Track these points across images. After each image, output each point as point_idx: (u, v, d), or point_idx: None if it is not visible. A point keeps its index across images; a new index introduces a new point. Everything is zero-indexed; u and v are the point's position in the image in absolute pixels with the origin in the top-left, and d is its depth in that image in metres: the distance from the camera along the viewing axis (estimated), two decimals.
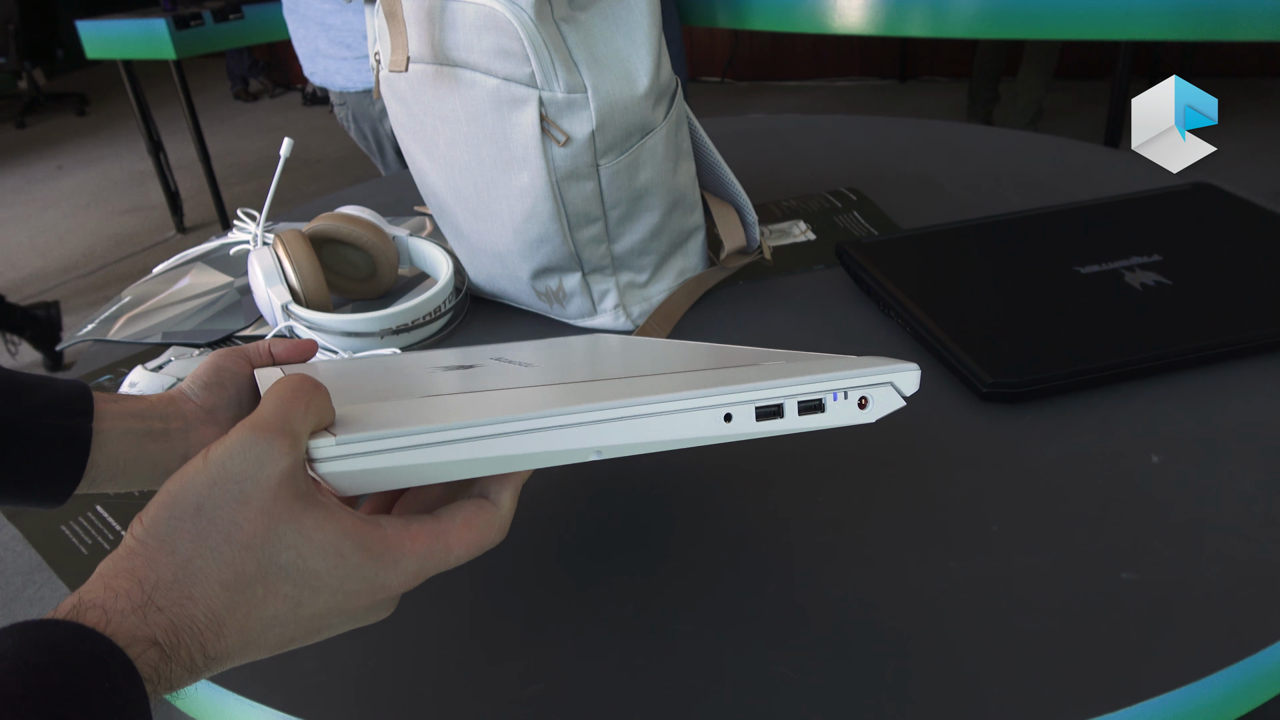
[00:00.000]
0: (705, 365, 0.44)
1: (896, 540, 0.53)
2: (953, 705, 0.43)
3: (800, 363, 0.41)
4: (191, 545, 0.28)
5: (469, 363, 0.52)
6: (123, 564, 0.28)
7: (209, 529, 0.28)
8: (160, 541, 0.28)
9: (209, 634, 0.28)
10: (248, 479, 0.29)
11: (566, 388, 0.39)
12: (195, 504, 0.28)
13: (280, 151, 0.82)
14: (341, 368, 0.54)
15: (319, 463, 0.31)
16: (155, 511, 0.28)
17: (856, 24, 2.19)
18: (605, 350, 0.56)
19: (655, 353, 0.52)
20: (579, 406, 0.34)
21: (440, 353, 0.60)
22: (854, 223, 0.94)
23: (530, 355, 0.55)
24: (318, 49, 1.44)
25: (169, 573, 0.27)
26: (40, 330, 2.46)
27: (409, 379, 0.48)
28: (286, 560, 0.29)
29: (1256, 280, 0.71)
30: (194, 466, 0.29)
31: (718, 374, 0.39)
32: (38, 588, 1.74)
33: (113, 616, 0.27)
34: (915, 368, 0.40)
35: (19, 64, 4.58)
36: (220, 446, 0.29)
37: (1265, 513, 0.52)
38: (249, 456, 0.29)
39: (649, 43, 0.69)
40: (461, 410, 0.35)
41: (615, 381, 0.39)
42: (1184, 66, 3.71)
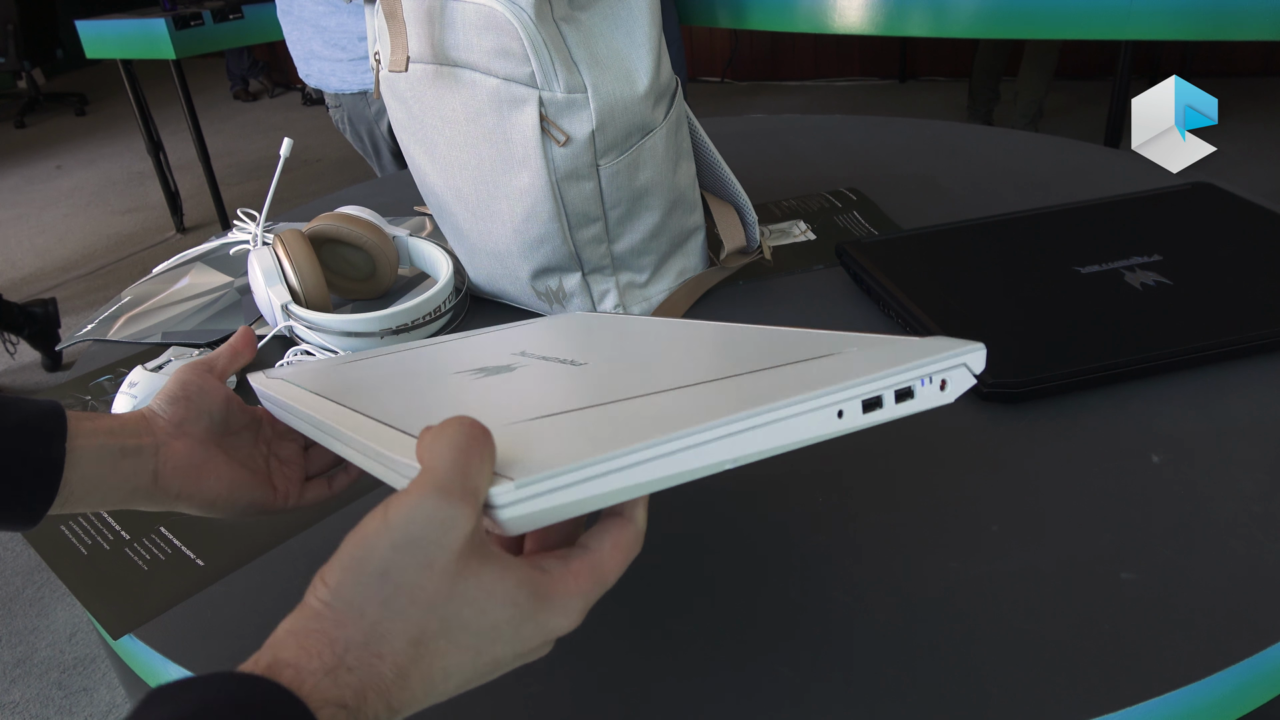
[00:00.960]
0: (746, 351, 0.44)
1: (897, 540, 0.53)
2: (952, 705, 0.43)
3: (877, 349, 0.40)
4: (379, 609, 0.28)
5: (498, 363, 0.49)
6: (311, 624, 0.29)
7: (395, 593, 0.29)
8: (347, 605, 0.28)
9: (394, 688, 0.29)
10: (431, 543, 0.29)
11: (698, 395, 0.37)
12: (381, 569, 0.29)
13: (280, 151, 0.82)
14: (361, 372, 0.53)
15: (498, 509, 0.30)
16: (340, 575, 0.29)
17: (856, 24, 2.19)
18: (640, 337, 0.52)
19: (691, 339, 0.49)
20: (732, 417, 0.33)
21: (445, 346, 0.58)
22: (854, 223, 0.94)
23: (559, 346, 0.52)
24: (312, 51, 1.43)
25: (359, 635, 0.28)
26: (39, 328, 2.46)
27: (467, 391, 0.44)
28: (468, 616, 0.30)
29: (1256, 280, 0.71)
30: (373, 528, 0.29)
31: (818, 369, 0.38)
32: (37, 588, 1.74)
33: (306, 677, 0.28)
34: (982, 347, 0.39)
35: (18, 64, 4.58)
36: (401, 508, 0.29)
37: (1265, 513, 0.52)
38: (433, 522, 0.29)
39: (649, 43, 0.69)
40: (624, 432, 0.33)
41: (738, 385, 0.38)
42: (1184, 66, 3.71)
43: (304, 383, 0.50)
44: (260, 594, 0.55)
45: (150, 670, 0.54)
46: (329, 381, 0.50)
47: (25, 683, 1.53)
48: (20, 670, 1.55)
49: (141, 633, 0.53)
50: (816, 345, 0.43)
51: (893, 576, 0.50)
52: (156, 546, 0.59)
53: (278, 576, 0.56)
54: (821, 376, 0.36)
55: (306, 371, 0.55)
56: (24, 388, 2.44)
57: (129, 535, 0.60)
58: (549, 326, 0.62)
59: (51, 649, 1.59)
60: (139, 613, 0.54)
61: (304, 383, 0.50)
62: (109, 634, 0.54)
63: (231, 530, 0.60)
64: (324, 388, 0.49)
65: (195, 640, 0.52)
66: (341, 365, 0.56)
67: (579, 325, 0.60)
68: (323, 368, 0.56)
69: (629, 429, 0.33)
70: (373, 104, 1.44)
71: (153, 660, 0.52)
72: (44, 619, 1.66)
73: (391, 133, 1.46)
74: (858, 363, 0.38)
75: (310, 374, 0.53)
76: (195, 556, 0.58)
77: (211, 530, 0.60)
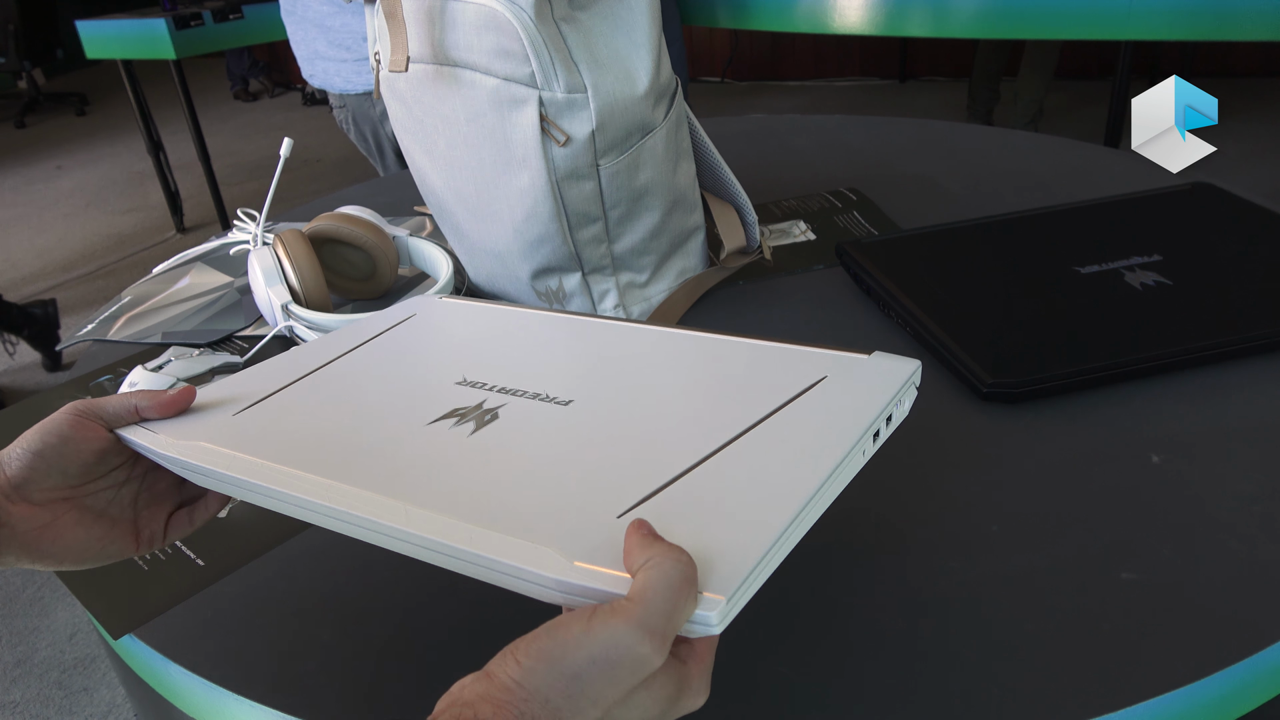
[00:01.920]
0: (701, 369, 0.47)
1: (896, 540, 0.53)
2: (952, 705, 0.43)
3: (856, 378, 0.45)
4: (563, 701, 0.32)
5: (466, 403, 0.47)
6: (502, 695, 0.32)
7: (580, 694, 0.32)
8: (536, 690, 0.32)
9: None
10: (625, 671, 0.32)
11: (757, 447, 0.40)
12: (573, 672, 0.32)
13: (280, 151, 0.82)
14: (287, 422, 0.48)
15: (714, 627, 0.32)
16: (534, 663, 0.32)
17: (856, 24, 2.19)
18: (636, 367, 0.52)
19: (664, 355, 0.50)
20: (827, 470, 0.38)
21: (341, 374, 0.53)
22: (854, 223, 0.94)
23: (495, 368, 0.50)
24: (317, 51, 1.43)
25: (543, 714, 0.32)
26: (38, 329, 2.46)
27: (487, 456, 0.42)
28: (634, 716, 0.34)
29: (1256, 280, 0.71)
30: (575, 632, 0.32)
31: (832, 410, 0.43)
32: (37, 588, 1.74)
33: None
34: (916, 363, 0.45)
35: (19, 64, 4.58)
36: (607, 630, 0.32)
37: (1265, 513, 0.52)
38: (633, 657, 0.32)
39: (649, 43, 0.69)
40: (765, 502, 0.36)
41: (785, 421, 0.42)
42: (1184, 66, 3.71)
43: (225, 442, 0.45)
44: (260, 594, 0.55)
45: (150, 670, 0.54)
46: (262, 440, 0.46)
47: (25, 683, 1.53)
48: (20, 670, 1.55)
49: (141, 633, 0.53)
50: (797, 369, 0.46)
51: (893, 576, 0.50)
52: None
53: (278, 576, 0.56)
54: (855, 422, 0.41)
55: (212, 425, 0.48)
56: (24, 388, 2.44)
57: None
58: (420, 332, 0.58)
59: (51, 649, 1.59)
60: (139, 613, 0.54)
61: (225, 442, 0.45)
62: (109, 634, 0.54)
63: (231, 530, 0.60)
64: (263, 449, 0.44)
65: (195, 640, 0.52)
66: (242, 412, 0.49)
67: (449, 330, 0.57)
68: (216, 418, 0.49)
69: (764, 499, 0.36)
70: (378, 105, 1.44)
71: (153, 660, 0.52)
72: (44, 619, 1.66)
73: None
74: (859, 399, 0.43)
75: (218, 427, 0.48)
76: (195, 556, 0.58)
77: (211, 530, 0.60)
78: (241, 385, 0.52)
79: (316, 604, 0.53)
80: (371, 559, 0.56)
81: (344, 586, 0.54)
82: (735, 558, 0.33)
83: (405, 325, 0.58)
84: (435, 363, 0.52)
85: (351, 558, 0.56)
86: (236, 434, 0.47)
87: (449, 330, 0.57)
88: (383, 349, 0.55)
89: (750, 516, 0.36)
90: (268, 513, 0.61)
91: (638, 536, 0.34)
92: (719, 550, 0.34)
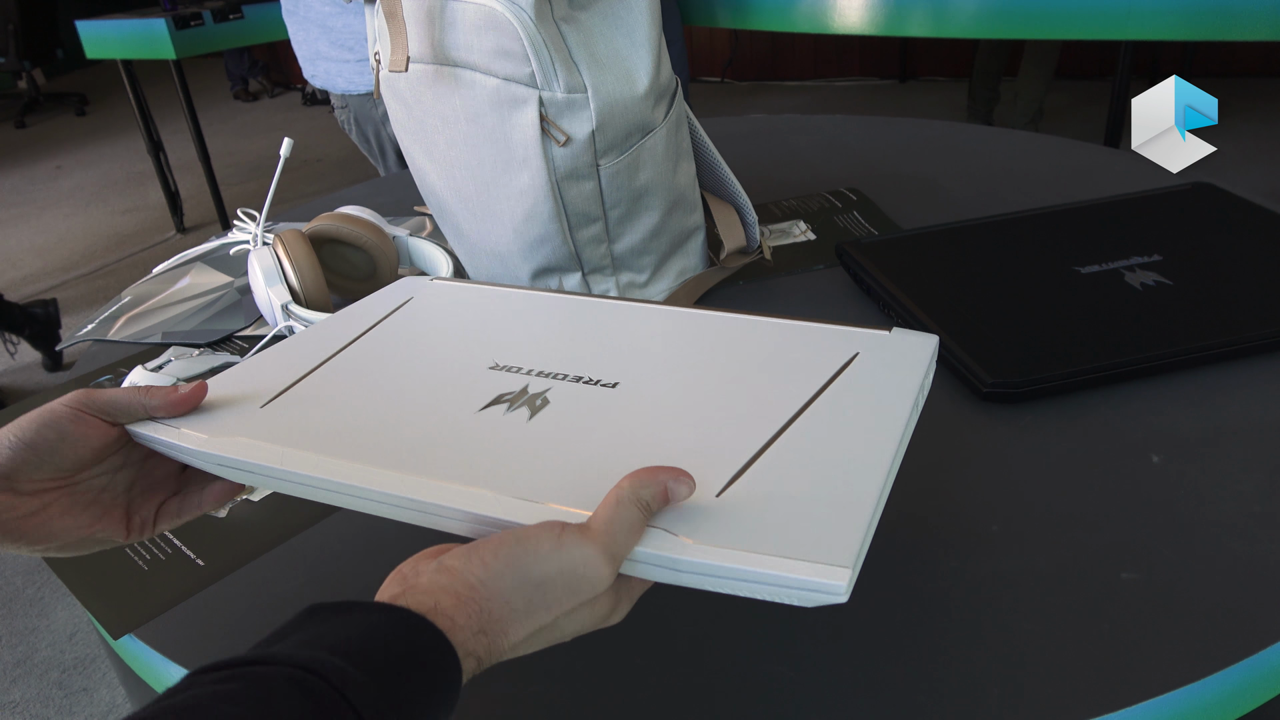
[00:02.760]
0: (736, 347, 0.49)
1: (896, 540, 0.53)
2: (952, 705, 0.43)
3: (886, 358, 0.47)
4: (524, 604, 0.35)
5: (509, 388, 0.47)
6: (465, 592, 0.34)
7: (539, 600, 0.35)
8: (500, 591, 0.35)
9: (505, 652, 0.35)
10: (583, 586, 0.35)
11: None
12: (537, 580, 0.35)
13: (280, 151, 0.82)
14: (324, 410, 0.46)
15: (842, 597, 0.34)
16: (500, 567, 0.35)
17: (856, 24, 2.19)
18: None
19: (696, 335, 0.51)
20: (894, 442, 0.41)
21: (370, 356, 0.52)
22: (854, 223, 0.94)
23: (531, 350, 0.50)
24: (319, 51, 1.42)
25: (502, 614, 0.35)
26: (39, 329, 2.46)
27: (546, 438, 0.43)
28: (573, 627, 0.37)
29: (1256, 280, 0.71)
30: (547, 546, 0.35)
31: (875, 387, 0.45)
32: (37, 588, 1.74)
33: (458, 631, 0.33)
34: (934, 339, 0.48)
35: (19, 64, 4.58)
36: (578, 549, 0.35)
37: (1265, 513, 0.52)
38: (594, 576, 0.35)
39: (649, 43, 0.69)
40: (853, 469, 0.39)
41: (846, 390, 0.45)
42: (1184, 66, 3.71)
43: (268, 436, 0.44)
44: (260, 594, 0.55)
45: (150, 670, 0.54)
46: (308, 432, 0.44)
47: (25, 683, 1.53)
48: (20, 670, 1.55)
49: (141, 633, 0.53)
50: (827, 347, 0.48)
51: (893, 576, 0.50)
52: (157, 546, 0.59)
53: (278, 576, 0.56)
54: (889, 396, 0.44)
55: (243, 419, 0.46)
56: (24, 388, 2.44)
57: None
58: (425, 315, 0.56)
59: (51, 649, 1.59)
60: (139, 613, 0.54)
61: (268, 436, 0.44)
62: (109, 634, 0.54)
63: (231, 530, 0.60)
64: (314, 441, 0.43)
65: (195, 640, 0.52)
66: (270, 403, 0.47)
67: (455, 312, 0.56)
68: (244, 411, 0.47)
69: (851, 473, 0.38)
70: (379, 105, 1.42)
71: (153, 660, 0.52)
72: (44, 619, 1.66)
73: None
74: (891, 375, 0.45)
75: (249, 420, 0.46)
76: (195, 556, 0.58)
77: (211, 530, 0.60)
78: (250, 378, 0.50)
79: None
80: (371, 559, 0.56)
81: (344, 587, 0.54)
82: (846, 530, 0.35)
83: (407, 309, 0.57)
84: (456, 346, 0.52)
85: (351, 557, 0.56)
86: (274, 426, 0.45)
87: (455, 313, 0.56)
88: (394, 334, 0.54)
89: (845, 490, 0.38)
90: (267, 513, 0.61)
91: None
92: (828, 523, 0.36)
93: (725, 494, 0.38)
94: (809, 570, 0.34)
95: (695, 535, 0.36)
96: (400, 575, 0.36)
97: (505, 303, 0.57)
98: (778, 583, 0.34)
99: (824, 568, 0.34)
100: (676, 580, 0.36)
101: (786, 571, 0.34)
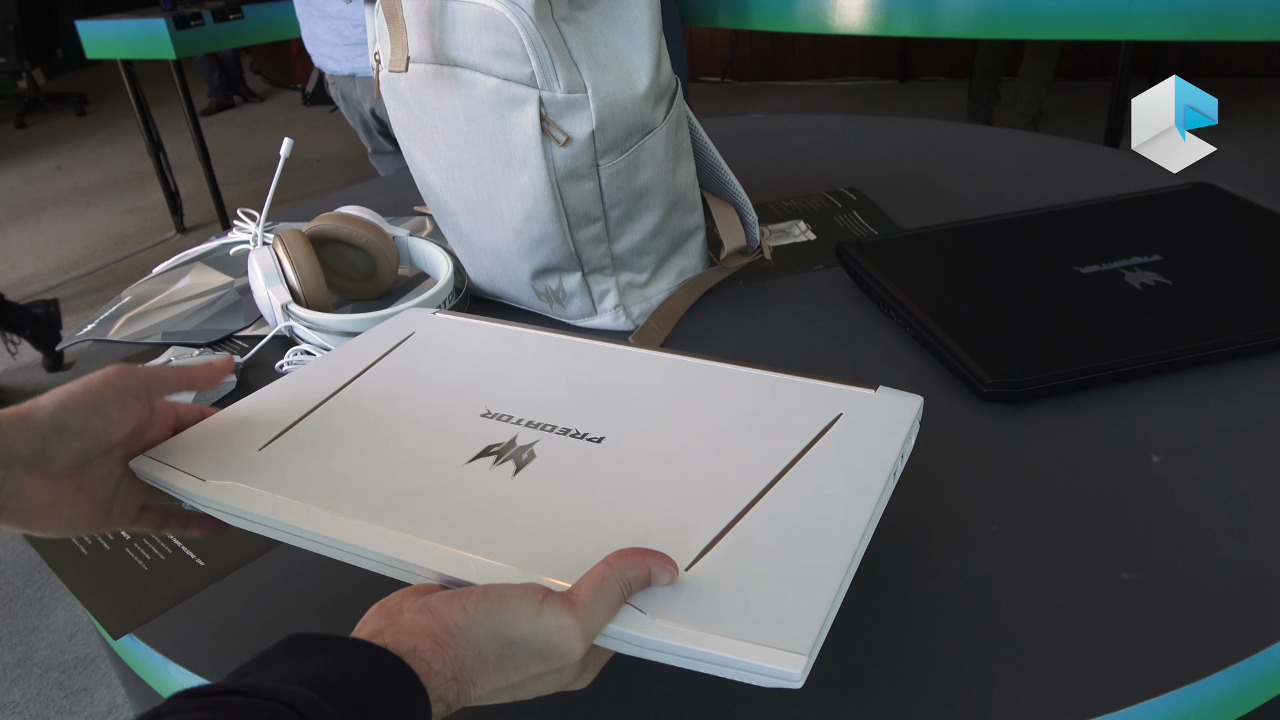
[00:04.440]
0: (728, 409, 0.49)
1: (896, 540, 0.53)
2: (952, 705, 0.43)
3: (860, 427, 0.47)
4: (494, 659, 0.36)
5: (498, 439, 0.47)
6: (443, 636, 0.35)
7: (511, 659, 0.36)
8: (475, 641, 0.35)
9: (471, 698, 0.36)
10: (554, 655, 0.36)
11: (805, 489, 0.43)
12: (512, 639, 0.36)
13: (280, 151, 0.82)
14: (318, 463, 0.47)
15: (798, 685, 0.34)
16: (480, 618, 0.36)
17: (856, 24, 2.18)
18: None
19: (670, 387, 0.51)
20: (866, 520, 0.41)
21: (363, 403, 0.52)
22: (854, 223, 0.94)
23: (520, 399, 0.50)
24: (315, 34, 1.56)
25: (474, 664, 0.35)
26: (40, 329, 2.46)
27: (528, 497, 0.43)
28: (539, 689, 0.38)
29: (1256, 280, 0.71)
30: (526, 609, 0.36)
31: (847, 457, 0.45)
32: (37, 588, 1.74)
33: (433, 676, 0.34)
34: (919, 399, 0.49)
35: (18, 64, 4.57)
36: (556, 619, 0.36)
37: (1265, 513, 0.52)
38: (566, 648, 0.36)
39: (649, 43, 0.69)
40: (820, 551, 0.39)
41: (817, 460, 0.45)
42: (1184, 66, 3.71)
43: (260, 482, 0.45)
44: (260, 594, 0.55)
45: (150, 670, 0.54)
46: (298, 481, 0.45)
47: (25, 683, 1.53)
48: (20, 670, 1.55)
49: (141, 633, 0.53)
50: (812, 405, 0.48)
51: (893, 576, 0.50)
52: (157, 546, 0.59)
53: (278, 576, 0.56)
54: (866, 469, 0.44)
55: (238, 463, 0.47)
56: (24, 388, 2.44)
57: (129, 535, 0.60)
58: (425, 353, 0.56)
59: (51, 649, 1.59)
60: (139, 613, 0.54)
61: (260, 482, 0.45)
62: (109, 634, 0.54)
63: (232, 530, 0.60)
64: (303, 490, 0.44)
65: (195, 640, 0.52)
66: (266, 447, 0.48)
67: (454, 351, 0.56)
68: (240, 454, 0.48)
69: (818, 551, 0.38)
70: (359, 85, 1.56)
71: (153, 660, 0.52)
72: (44, 619, 1.66)
73: (378, 115, 1.58)
74: (868, 441, 0.46)
75: (245, 465, 0.47)
76: (195, 556, 0.58)
77: None
78: (253, 414, 0.51)
79: (316, 604, 0.53)
80: None
81: (343, 587, 0.54)
82: (806, 616, 0.36)
83: (408, 345, 0.57)
84: (452, 390, 0.52)
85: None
86: (268, 473, 0.46)
87: (454, 351, 0.57)
88: (393, 373, 0.55)
89: (810, 571, 0.38)
90: None
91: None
92: (789, 608, 0.36)
93: (695, 568, 0.38)
94: (765, 656, 0.35)
95: (661, 613, 0.36)
96: (384, 609, 0.37)
97: (503, 342, 0.57)
98: (734, 665, 0.35)
99: (781, 654, 0.35)
100: (640, 654, 0.37)
101: (743, 655, 0.35)
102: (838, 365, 0.71)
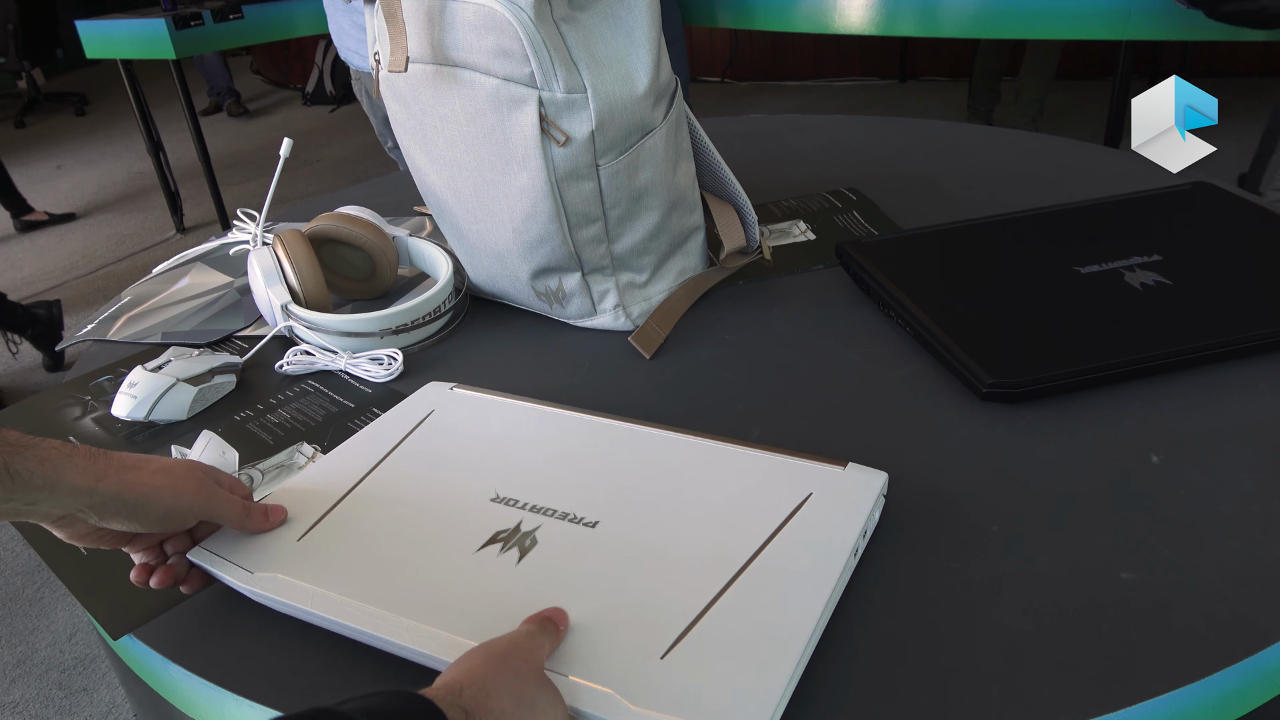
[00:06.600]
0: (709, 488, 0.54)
1: (896, 540, 0.53)
2: (952, 705, 0.43)
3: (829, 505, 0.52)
4: (500, 689, 0.40)
5: (504, 525, 0.53)
6: (466, 683, 0.39)
7: (507, 679, 0.40)
8: (484, 687, 0.39)
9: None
10: (528, 657, 0.42)
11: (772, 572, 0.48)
12: (503, 654, 0.42)
13: (280, 151, 0.82)
14: (357, 558, 0.52)
15: None
16: (492, 682, 0.40)
17: (856, 24, 2.19)
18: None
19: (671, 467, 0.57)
20: (825, 600, 0.46)
21: (383, 494, 0.57)
22: (854, 223, 0.94)
23: (528, 483, 0.56)
24: (342, 28, 1.56)
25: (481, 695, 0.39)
26: (42, 330, 2.46)
27: (535, 586, 0.49)
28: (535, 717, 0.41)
29: (1256, 280, 0.71)
30: (508, 673, 0.41)
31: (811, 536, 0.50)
32: (37, 588, 1.74)
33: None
34: (883, 476, 0.54)
35: (18, 64, 4.57)
36: (526, 650, 0.42)
37: (1265, 513, 0.52)
38: (533, 651, 0.42)
39: (649, 43, 0.69)
40: (783, 635, 0.44)
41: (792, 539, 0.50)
42: (1184, 66, 3.71)
43: (299, 574, 0.51)
44: None
45: (150, 670, 0.54)
46: (330, 572, 0.51)
47: (25, 683, 1.53)
48: (20, 670, 1.55)
49: (141, 633, 0.53)
50: (785, 483, 0.54)
51: (893, 576, 0.50)
52: None
53: None
54: (832, 543, 0.49)
55: (281, 554, 0.53)
56: (24, 388, 2.44)
57: None
58: (444, 433, 0.63)
59: (51, 649, 1.59)
60: (139, 613, 0.54)
61: (299, 574, 0.51)
62: (109, 634, 0.54)
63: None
64: (336, 584, 0.50)
65: (195, 640, 0.52)
66: (304, 537, 0.54)
67: (470, 431, 0.63)
68: (282, 545, 0.54)
69: (775, 638, 0.44)
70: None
71: (153, 660, 0.52)
72: (44, 619, 1.66)
73: None
74: (832, 525, 0.50)
75: (286, 556, 0.53)
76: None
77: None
78: (293, 501, 0.56)
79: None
80: None
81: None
82: (764, 699, 0.41)
83: (427, 426, 0.64)
84: (465, 473, 0.58)
85: None
86: (305, 565, 0.52)
87: (468, 431, 0.63)
88: (414, 457, 0.61)
89: (769, 655, 0.43)
90: None
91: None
92: (748, 693, 0.41)
93: (669, 656, 0.43)
94: None
95: (635, 700, 0.41)
96: (460, 673, 0.41)
97: (512, 420, 0.63)
98: None
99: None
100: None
101: None
102: (838, 365, 0.71)
